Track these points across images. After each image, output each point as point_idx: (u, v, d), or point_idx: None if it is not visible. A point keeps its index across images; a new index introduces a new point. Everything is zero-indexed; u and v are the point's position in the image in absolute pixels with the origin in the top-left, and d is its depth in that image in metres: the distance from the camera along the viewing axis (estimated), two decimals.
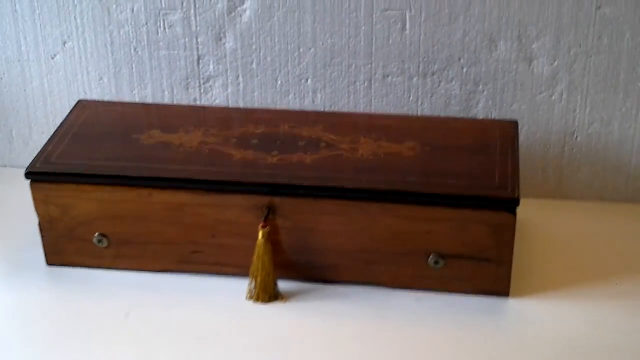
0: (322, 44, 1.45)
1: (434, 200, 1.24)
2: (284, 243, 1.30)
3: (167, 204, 1.30)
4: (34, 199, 1.32)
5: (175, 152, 1.33)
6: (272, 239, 1.28)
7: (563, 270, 1.36)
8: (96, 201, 1.31)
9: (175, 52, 1.49)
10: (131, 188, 1.29)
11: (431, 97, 1.46)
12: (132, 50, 1.50)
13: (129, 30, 1.49)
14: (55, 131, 1.39)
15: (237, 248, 1.31)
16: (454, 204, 1.23)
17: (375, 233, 1.27)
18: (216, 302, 1.30)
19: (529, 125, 1.46)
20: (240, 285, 1.31)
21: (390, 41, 1.43)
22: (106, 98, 1.54)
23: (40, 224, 1.34)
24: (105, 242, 1.34)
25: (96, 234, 1.33)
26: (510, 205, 1.22)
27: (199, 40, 1.48)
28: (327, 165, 1.30)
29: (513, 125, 1.38)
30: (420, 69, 1.44)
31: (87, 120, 1.42)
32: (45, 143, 1.36)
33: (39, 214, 1.33)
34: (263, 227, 1.27)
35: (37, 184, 1.31)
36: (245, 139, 1.36)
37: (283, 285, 1.31)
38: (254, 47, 1.47)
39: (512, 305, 1.28)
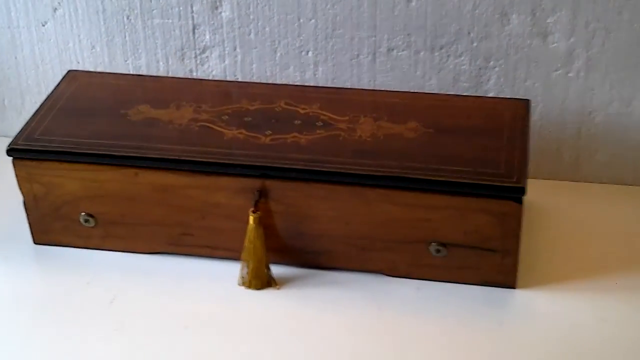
0: (324, 15, 1.37)
1: (433, 187, 1.16)
2: (276, 227, 1.23)
3: (154, 185, 1.23)
4: (17, 176, 1.26)
5: (164, 130, 1.26)
6: (265, 223, 1.21)
7: (575, 258, 1.28)
8: (81, 180, 1.25)
9: (170, 21, 1.42)
10: (117, 167, 1.23)
11: (439, 72, 1.38)
12: (125, 19, 1.43)
13: None
14: (41, 104, 1.32)
15: (228, 231, 1.24)
16: (455, 192, 1.15)
17: (371, 220, 1.20)
18: (207, 288, 1.24)
19: (543, 104, 1.37)
20: (232, 269, 1.25)
21: (396, 12, 1.34)
22: (99, 68, 1.48)
23: (24, 202, 1.29)
24: (92, 222, 1.28)
25: (82, 213, 1.27)
26: (515, 193, 1.14)
27: (194, 8, 1.40)
28: (323, 147, 1.22)
29: (525, 104, 1.29)
30: (427, 43, 1.36)
31: (75, 93, 1.35)
32: (30, 118, 1.30)
33: (23, 192, 1.27)
34: (254, 212, 1.20)
35: (20, 162, 1.25)
36: (238, 115, 1.29)
37: (276, 270, 1.24)
38: (251, 17, 1.39)
39: (519, 296, 1.21)
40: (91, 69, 1.48)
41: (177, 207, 1.24)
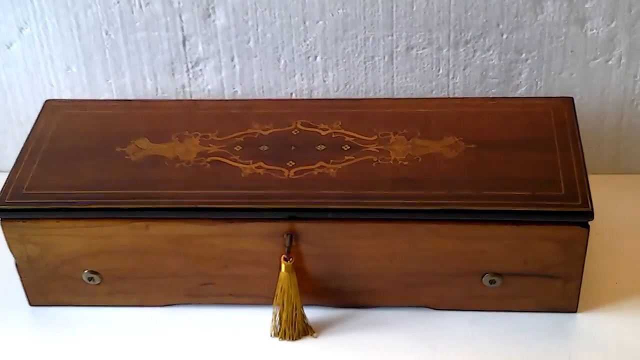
0: (333, 15, 1.21)
1: (489, 217, 1.03)
2: (310, 270, 1.09)
3: (169, 237, 1.08)
4: (7, 238, 1.10)
5: (171, 170, 1.11)
6: (297, 266, 1.08)
7: (634, 265, 1.17)
8: (82, 237, 1.09)
9: (156, 33, 1.24)
10: (124, 221, 1.07)
11: (464, 69, 1.24)
12: (104, 34, 1.25)
13: (97, 11, 1.23)
14: (23, 148, 1.15)
15: (255, 277, 1.11)
16: (515, 221, 1.03)
17: (419, 255, 1.07)
18: (235, 339, 1.11)
19: (581, 95, 1.24)
20: (261, 316, 1.12)
21: (415, 8, 1.19)
22: (77, 90, 1.30)
23: (17, 265, 1.13)
24: (97, 279, 1.13)
25: (85, 271, 1.12)
26: (582, 218, 1.02)
27: (183, 18, 1.23)
28: (356, 177, 1.08)
29: (568, 103, 1.16)
30: (451, 39, 1.21)
31: (59, 131, 1.18)
32: (13, 166, 1.13)
33: (14, 255, 1.12)
34: (286, 259, 1.06)
35: (10, 222, 1.09)
36: (252, 144, 1.14)
37: (311, 313, 1.11)
38: (250, 23, 1.23)
39: (582, 321, 1.10)
40: (68, 92, 1.30)
41: (196, 258, 1.10)
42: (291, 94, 1.28)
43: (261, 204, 1.05)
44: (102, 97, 1.30)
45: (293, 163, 1.10)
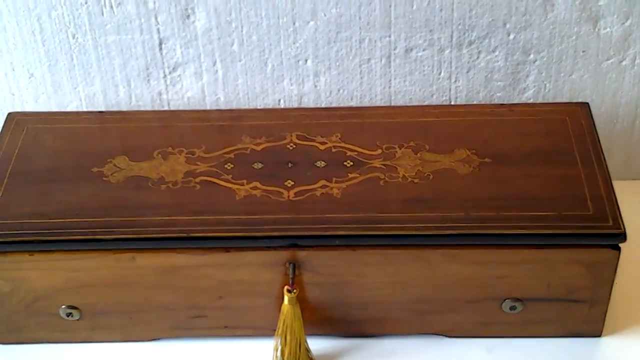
0: (325, 15, 1.10)
1: (511, 241, 0.95)
2: (314, 299, 1.00)
3: (157, 268, 0.97)
4: None
5: (156, 193, 1.00)
6: (300, 296, 0.98)
7: None
8: (59, 271, 0.98)
9: (129, 36, 1.12)
10: (106, 252, 0.96)
11: (468, 72, 1.14)
12: (70, 37, 1.13)
13: (62, 13, 1.11)
14: None
15: (253, 308, 1.01)
16: (539, 245, 0.95)
17: (433, 282, 0.98)
18: None
19: (592, 97, 1.16)
20: (258, 349, 1.02)
21: (415, 7, 1.09)
22: (41, 99, 1.18)
23: None
24: (76, 315, 1.01)
25: (63, 306, 1.01)
26: (613, 240, 0.94)
27: (159, 20, 1.11)
28: (363, 198, 0.98)
29: (584, 110, 1.08)
30: (453, 39, 1.12)
31: (26, 149, 1.06)
32: None
33: None
34: (289, 291, 0.96)
35: None
36: (244, 161, 1.03)
37: (315, 344, 1.02)
38: (234, 24, 1.11)
39: (606, 346, 1.03)
40: (31, 102, 1.18)
41: (186, 290, 0.99)
42: (279, 100, 1.17)
43: (260, 232, 0.95)
44: (70, 106, 1.18)
45: (292, 183, 1.00)
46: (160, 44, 1.13)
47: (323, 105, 1.18)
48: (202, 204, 0.98)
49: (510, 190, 0.98)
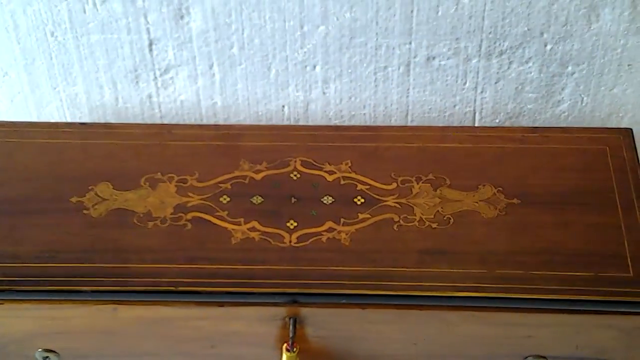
0: (338, 20, 0.97)
1: (540, 306, 0.84)
2: (316, 353, 0.90)
3: (142, 319, 0.87)
4: None
5: (142, 233, 0.89)
6: (300, 347, 0.88)
7: None
8: (33, 318, 0.88)
9: (115, 36, 0.99)
10: (85, 302, 0.86)
11: (496, 82, 1.01)
12: (49, 35, 1.00)
13: (39, 9, 0.98)
14: None
15: (247, 356, 0.91)
16: (571, 310, 0.84)
17: (450, 341, 0.88)
18: None
19: (633, 113, 1.03)
20: None
21: (440, 13, 0.96)
22: (17, 99, 1.06)
23: None
24: (54, 359, 0.92)
25: (39, 350, 0.91)
26: None
27: (149, 19, 0.98)
28: (374, 246, 0.87)
29: (627, 139, 0.95)
30: (482, 48, 0.98)
31: None
32: None
33: None
34: (289, 350, 0.87)
35: None
36: (242, 193, 0.92)
37: None
38: (234, 26, 0.98)
39: None
40: (6, 102, 1.06)
41: (176, 339, 0.89)
42: (283, 106, 1.05)
43: (257, 287, 0.84)
44: (49, 107, 1.06)
45: (295, 224, 0.89)
46: (151, 44, 1.00)
47: (332, 113, 1.05)
48: (193, 248, 0.87)
49: (540, 243, 0.87)
